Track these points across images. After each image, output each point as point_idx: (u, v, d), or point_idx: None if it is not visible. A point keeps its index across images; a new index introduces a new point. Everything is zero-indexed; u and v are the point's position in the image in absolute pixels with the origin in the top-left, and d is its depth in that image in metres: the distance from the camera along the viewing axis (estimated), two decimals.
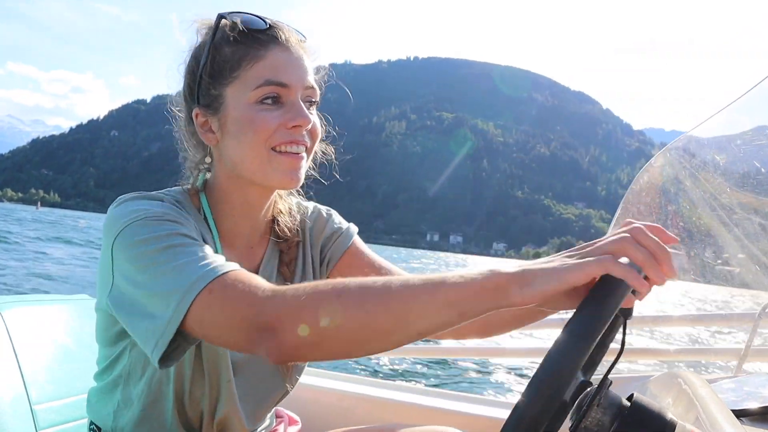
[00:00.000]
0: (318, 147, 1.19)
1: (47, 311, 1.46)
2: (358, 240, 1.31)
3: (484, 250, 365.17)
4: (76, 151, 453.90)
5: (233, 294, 0.86)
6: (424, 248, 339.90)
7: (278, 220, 1.22)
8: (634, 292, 0.68)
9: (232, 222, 1.14)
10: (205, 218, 1.13)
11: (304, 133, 1.05)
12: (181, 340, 0.89)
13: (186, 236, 0.94)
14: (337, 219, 1.34)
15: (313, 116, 1.08)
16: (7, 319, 1.35)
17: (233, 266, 0.90)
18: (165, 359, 0.90)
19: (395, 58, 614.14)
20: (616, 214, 1.68)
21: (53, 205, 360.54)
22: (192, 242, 0.93)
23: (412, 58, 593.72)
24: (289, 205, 1.27)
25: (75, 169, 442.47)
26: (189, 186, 1.16)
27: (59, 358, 1.39)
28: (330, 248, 1.28)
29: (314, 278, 1.27)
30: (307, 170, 1.19)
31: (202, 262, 0.89)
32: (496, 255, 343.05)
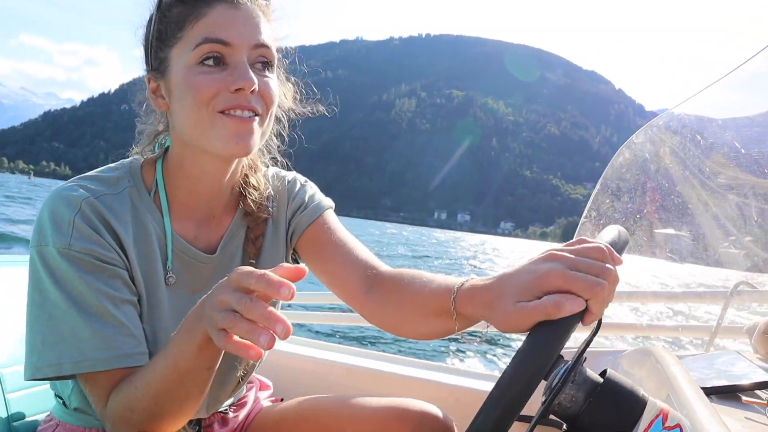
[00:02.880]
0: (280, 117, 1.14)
1: (14, 273, 1.41)
2: (329, 215, 1.24)
3: (492, 228, 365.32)
4: (87, 124, 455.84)
5: (98, 393, 0.95)
6: (431, 226, 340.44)
7: (246, 194, 1.15)
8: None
9: (189, 192, 1.07)
10: (159, 191, 1.07)
11: (252, 97, 0.96)
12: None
13: (92, 288, 0.92)
14: (311, 190, 1.27)
15: (269, 79, 1.00)
16: None
17: (122, 360, 0.93)
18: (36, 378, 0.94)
19: (407, 35, 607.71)
20: (595, 191, 1.66)
21: (64, 177, 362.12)
22: (96, 299, 0.92)
23: (423, 35, 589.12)
24: (260, 180, 1.19)
25: (86, 142, 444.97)
26: (143, 158, 1.10)
27: (24, 319, 1.34)
28: (296, 219, 1.22)
29: (285, 255, 1.25)
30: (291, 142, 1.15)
31: (96, 340, 0.91)
32: (503, 234, 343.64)
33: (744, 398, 0.86)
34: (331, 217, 1.24)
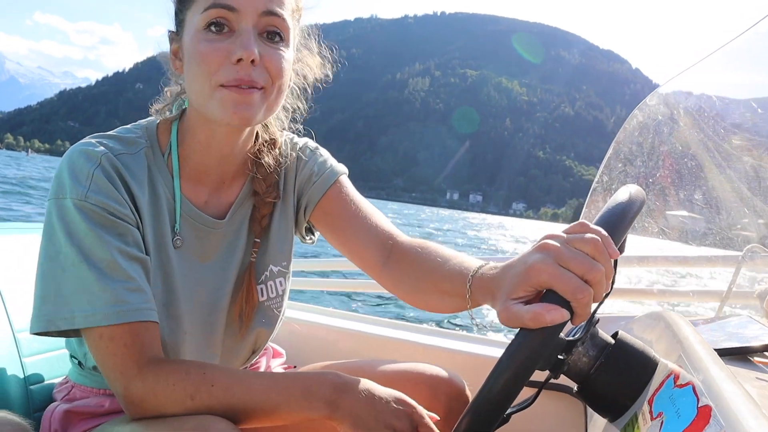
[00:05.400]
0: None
1: (29, 240, 1.44)
2: (342, 183, 1.21)
3: (503, 209, 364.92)
4: (101, 103, 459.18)
5: (114, 351, 0.89)
6: (443, 207, 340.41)
7: (255, 174, 1.14)
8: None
9: (200, 156, 1.06)
10: (172, 154, 1.06)
11: (254, 69, 0.92)
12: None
13: (103, 242, 0.91)
14: (321, 157, 1.23)
15: (277, 50, 0.95)
16: None
17: (132, 314, 0.90)
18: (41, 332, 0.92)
19: (421, 13, 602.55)
20: (607, 155, 1.64)
21: None
22: (107, 252, 0.91)
23: (438, 13, 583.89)
24: (272, 162, 1.16)
25: (100, 121, 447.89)
26: (161, 118, 1.09)
27: None
28: (307, 193, 1.20)
29: (295, 229, 1.24)
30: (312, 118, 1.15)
31: (105, 293, 0.89)
32: (514, 215, 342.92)
33: (755, 359, 0.86)
34: (345, 185, 1.22)
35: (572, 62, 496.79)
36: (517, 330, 0.67)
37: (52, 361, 1.33)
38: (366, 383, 0.87)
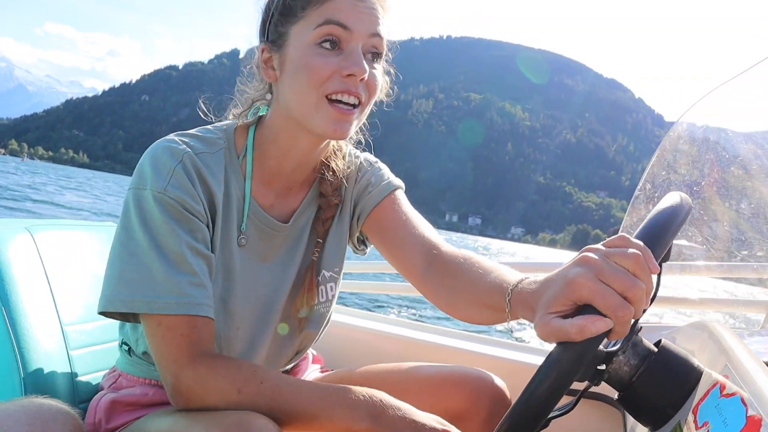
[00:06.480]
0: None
1: (77, 236, 1.47)
2: (397, 196, 1.25)
3: (502, 233, 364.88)
4: (107, 113, 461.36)
5: (170, 339, 0.94)
6: (442, 228, 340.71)
7: (326, 176, 1.21)
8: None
9: (275, 161, 1.13)
10: (246, 157, 1.13)
11: (360, 84, 1.00)
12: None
13: (175, 235, 0.96)
14: (380, 171, 1.29)
15: (376, 70, 1.04)
16: (39, 242, 1.36)
17: (192, 308, 0.95)
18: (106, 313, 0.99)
19: (428, 36, 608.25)
20: (651, 162, 1.61)
21: (81, 165, 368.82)
22: (177, 245, 0.96)
23: (444, 37, 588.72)
24: (340, 165, 1.23)
25: (105, 131, 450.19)
26: (240, 121, 1.16)
27: (89, 282, 1.42)
28: (362, 202, 1.25)
29: (350, 236, 1.29)
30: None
31: (170, 284, 0.94)
32: (513, 239, 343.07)
33: None
34: (399, 197, 1.26)
35: (575, 89, 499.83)
36: (553, 344, 0.66)
37: (97, 355, 1.37)
38: (408, 407, 0.91)
